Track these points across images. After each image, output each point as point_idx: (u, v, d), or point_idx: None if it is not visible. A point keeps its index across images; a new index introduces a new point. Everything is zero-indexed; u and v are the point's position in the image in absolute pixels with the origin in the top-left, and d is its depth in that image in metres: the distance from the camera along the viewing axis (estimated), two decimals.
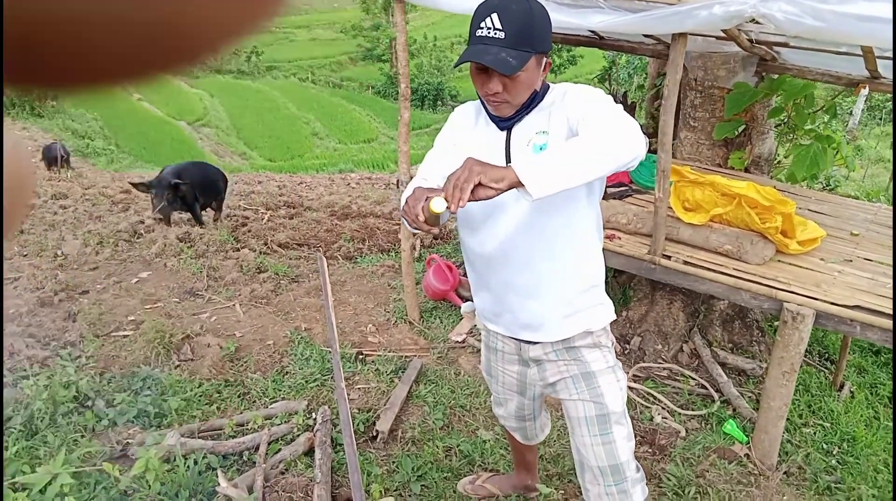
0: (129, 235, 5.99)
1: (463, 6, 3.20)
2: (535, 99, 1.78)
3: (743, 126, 4.06)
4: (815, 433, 3.31)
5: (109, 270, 5.08)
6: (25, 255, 5.30)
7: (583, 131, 1.66)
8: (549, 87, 1.84)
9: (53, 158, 12.62)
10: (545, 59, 1.75)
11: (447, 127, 2.00)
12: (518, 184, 1.48)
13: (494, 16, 1.63)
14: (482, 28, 1.65)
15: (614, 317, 2.01)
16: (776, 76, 3.94)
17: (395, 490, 2.70)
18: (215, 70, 38.03)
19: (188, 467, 2.57)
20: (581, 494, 2.74)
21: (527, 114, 1.80)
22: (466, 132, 1.93)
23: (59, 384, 3.07)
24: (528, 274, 1.87)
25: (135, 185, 6.20)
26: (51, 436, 2.75)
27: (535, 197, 1.47)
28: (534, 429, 2.39)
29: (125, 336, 3.87)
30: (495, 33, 1.63)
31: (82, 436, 2.85)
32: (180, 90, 32.78)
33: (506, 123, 1.81)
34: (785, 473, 3.01)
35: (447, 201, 1.49)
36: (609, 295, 4.36)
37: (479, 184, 1.48)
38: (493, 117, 1.83)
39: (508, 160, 1.82)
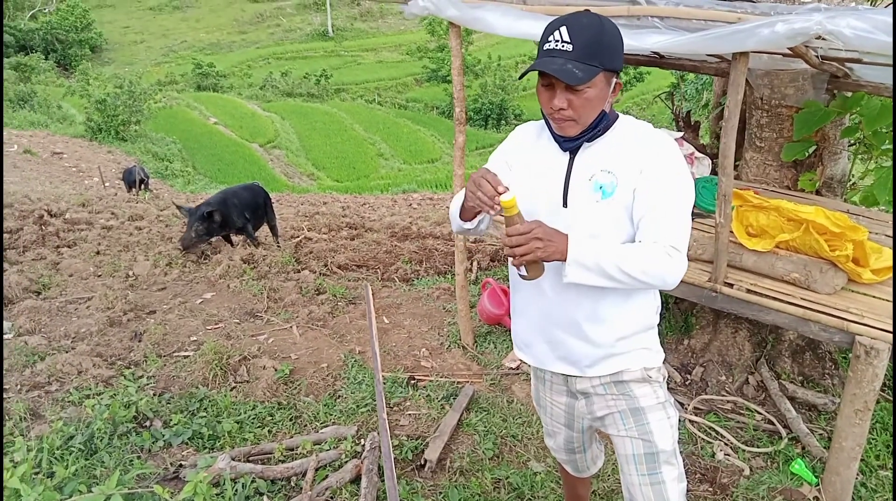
0: (197, 256, 6.20)
1: (516, 30, 3.18)
2: (602, 121, 1.71)
3: (813, 147, 3.86)
4: (893, 477, 3.06)
5: (176, 290, 5.26)
6: (100, 275, 5.55)
7: (641, 235, 1.69)
8: (617, 116, 1.78)
9: (133, 182, 13.28)
10: (615, 79, 1.69)
11: (503, 147, 1.96)
12: (562, 260, 1.61)
13: (563, 28, 1.61)
14: (550, 41, 1.63)
15: (659, 364, 1.92)
16: (850, 94, 3.74)
17: None
18: (286, 94, 39.38)
19: (236, 491, 2.60)
20: None
21: (593, 139, 1.74)
22: (525, 151, 1.88)
23: (119, 404, 3.17)
24: (573, 306, 1.81)
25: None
26: (107, 457, 2.84)
27: (566, 280, 1.64)
28: (584, 462, 2.31)
29: (186, 357, 3.98)
30: (563, 46, 1.60)
31: (138, 457, 2.92)
32: (254, 114, 34.04)
33: (569, 144, 1.75)
34: None
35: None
36: (670, 322, 4.20)
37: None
38: (556, 137, 1.78)
39: (566, 187, 1.76)
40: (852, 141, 4.23)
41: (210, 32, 52.93)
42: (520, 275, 1.70)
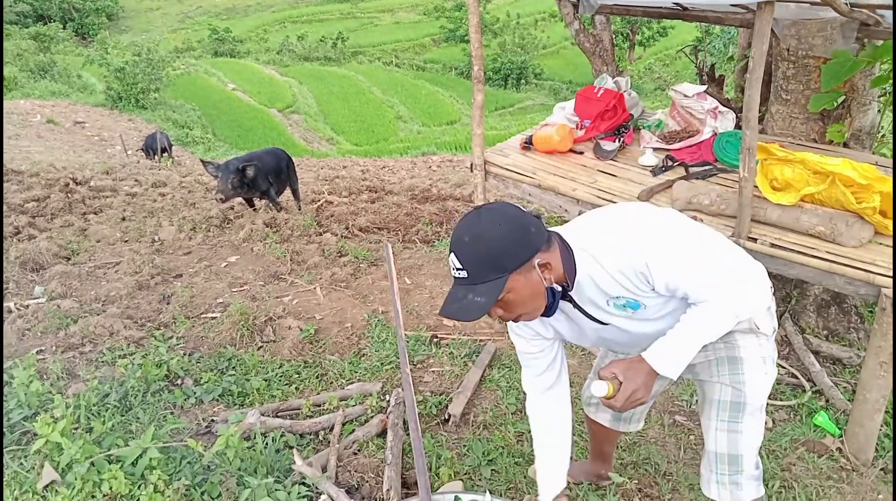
0: (220, 221, 6.27)
1: None
2: (555, 295, 1.68)
3: (842, 97, 3.77)
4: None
5: (201, 254, 5.34)
6: (126, 241, 5.65)
7: (694, 301, 1.67)
8: (573, 257, 1.68)
9: (156, 148, 13.35)
10: (535, 261, 1.59)
11: (518, 341, 1.97)
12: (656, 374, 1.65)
13: (453, 256, 1.57)
14: (452, 270, 1.60)
15: (769, 322, 1.89)
16: (880, 42, 3.62)
17: (464, 474, 2.72)
18: (303, 58, 39.08)
19: (266, 445, 2.68)
20: (655, 484, 2.67)
21: (567, 298, 1.73)
22: (544, 332, 1.91)
23: (151, 364, 3.27)
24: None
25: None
26: (142, 413, 2.94)
27: (675, 378, 1.67)
28: (634, 412, 2.29)
29: (213, 318, 4.06)
30: (459, 273, 1.57)
31: (171, 413, 3.02)
32: (272, 79, 33.92)
33: (556, 304, 1.72)
34: (881, 469, 2.81)
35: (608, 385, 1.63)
36: None
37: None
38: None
39: (595, 320, 1.79)
40: (882, 91, 4.12)
41: None
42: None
